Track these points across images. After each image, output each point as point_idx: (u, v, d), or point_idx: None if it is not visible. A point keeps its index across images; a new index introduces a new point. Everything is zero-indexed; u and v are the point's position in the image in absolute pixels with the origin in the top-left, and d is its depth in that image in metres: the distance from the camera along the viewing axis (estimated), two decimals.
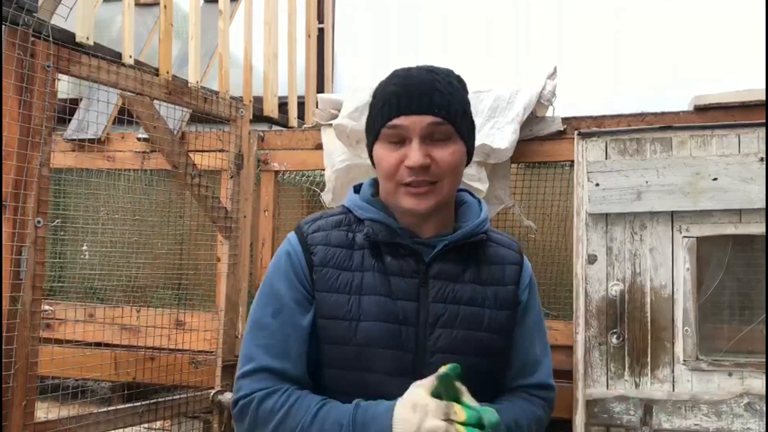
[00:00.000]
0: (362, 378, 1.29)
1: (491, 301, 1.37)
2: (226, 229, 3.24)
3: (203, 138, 3.40)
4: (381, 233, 1.34)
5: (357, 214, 1.39)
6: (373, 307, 1.30)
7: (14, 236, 2.34)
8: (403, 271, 1.33)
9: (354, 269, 1.33)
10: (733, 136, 2.63)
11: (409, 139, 1.30)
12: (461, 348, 1.32)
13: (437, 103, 1.30)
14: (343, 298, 1.31)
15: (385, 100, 1.32)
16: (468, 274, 1.37)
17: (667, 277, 2.67)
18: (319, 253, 1.34)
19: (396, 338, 1.29)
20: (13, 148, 2.34)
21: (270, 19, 3.96)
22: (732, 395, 2.55)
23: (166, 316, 3.39)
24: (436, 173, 1.30)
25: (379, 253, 1.34)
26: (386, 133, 1.32)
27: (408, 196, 1.32)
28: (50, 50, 2.44)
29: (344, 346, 1.30)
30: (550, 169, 3.34)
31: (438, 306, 1.32)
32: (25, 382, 2.35)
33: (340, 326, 1.30)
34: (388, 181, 1.34)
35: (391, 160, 1.31)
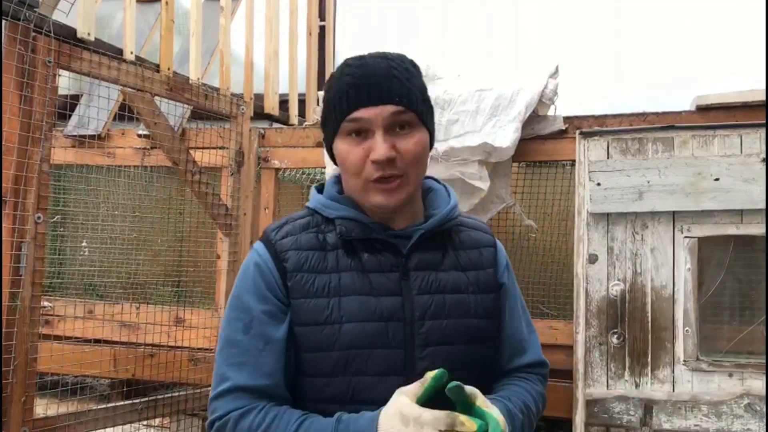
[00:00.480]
0: (351, 383, 1.24)
1: (474, 286, 1.34)
2: (226, 227, 3.23)
3: (204, 135, 3.39)
4: (354, 230, 1.30)
5: (325, 214, 1.34)
6: (354, 307, 1.25)
7: (14, 232, 2.33)
8: (382, 266, 1.29)
9: (330, 271, 1.28)
10: (735, 136, 2.63)
11: (372, 132, 1.25)
12: (452, 338, 1.29)
13: (397, 91, 1.25)
14: (321, 302, 1.26)
15: (341, 92, 1.26)
16: (447, 261, 1.34)
17: (668, 278, 2.66)
18: (291, 258, 1.28)
19: (383, 336, 1.25)
20: (14, 143, 2.33)
21: (271, 16, 3.95)
22: (732, 396, 2.54)
23: (165, 313, 3.38)
24: (402, 165, 1.26)
25: (355, 251, 1.30)
26: (347, 127, 1.26)
27: (377, 192, 1.27)
28: (51, 46, 2.43)
29: (328, 351, 1.24)
30: (551, 169, 3.34)
31: (423, 298, 1.29)
32: (24, 378, 2.35)
33: (321, 332, 1.25)
34: (354, 178, 1.28)
35: (356, 156, 1.26)
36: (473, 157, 2.96)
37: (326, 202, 1.35)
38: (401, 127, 1.26)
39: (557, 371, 3.07)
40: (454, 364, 1.26)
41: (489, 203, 3.09)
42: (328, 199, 1.36)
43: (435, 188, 1.44)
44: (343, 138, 1.28)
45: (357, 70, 1.27)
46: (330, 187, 1.39)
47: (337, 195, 1.36)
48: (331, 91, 1.30)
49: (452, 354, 1.29)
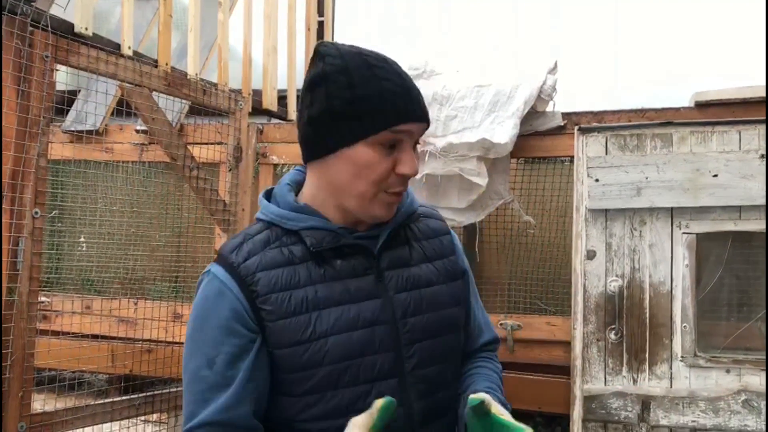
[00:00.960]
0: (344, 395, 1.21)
1: (444, 276, 1.34)
2: (224, 222, 3.23)
3: (202, 130, 3.39)
4: (325, 240, 1.24)
5: (287, 226, 1.26)
6: (337, 318, 1.21)
7: (11, 227, 2.33)
8: (356, 271, 1.25)
9: (303, 285, 1.22)
10: (734, 132, 2.63)
11: (402, 144, 1.22)
12: (433, 331, 1.29)
13: (425, 110, 1.25)
14: (302, 319, 1.20)
15: (385, 100, 1.19)
16: (414, 254, 1.33)
17: (665, 274, 2.66)
18: (261, 280, 1.20)
19: (370, 343, 1.22)
20: (11, 138, 2.32)
21: (270, 12, 3.94)
22: (729, 392, 2.55)
23: (163, 309, 3.38)
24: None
25: (325, 260, 1.24)
26: (386, 136, 1.20)
27: (383, 204, 1.24)
28: (48, 40, 2.42)
29: (317, 368, 1.19)
30: (549, 165, 3.34)
31: (401, 296, 1.27)
32: (21, 373, 2.35)
33: (306, 350, 1.19)
34: (371, 186, 1.21)
35: (385, 167, 1.21)
36: (472, 152, 2.96)
37: (286, 214, 1.28)
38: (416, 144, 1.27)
39: (555, 367, 3.08)
40: (436, 356, 1.28)
41: (487, 199, 3.09)
42: (289, 210, 1.29)
43: None
44: (373, 146, 1.20)
45: (393, 77, 1.22)
46: (286, 195, 1.31)
47: (296, 204, 1.29)
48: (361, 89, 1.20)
49: (435, 347, 1.29)
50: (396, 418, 1.14)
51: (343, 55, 1.23)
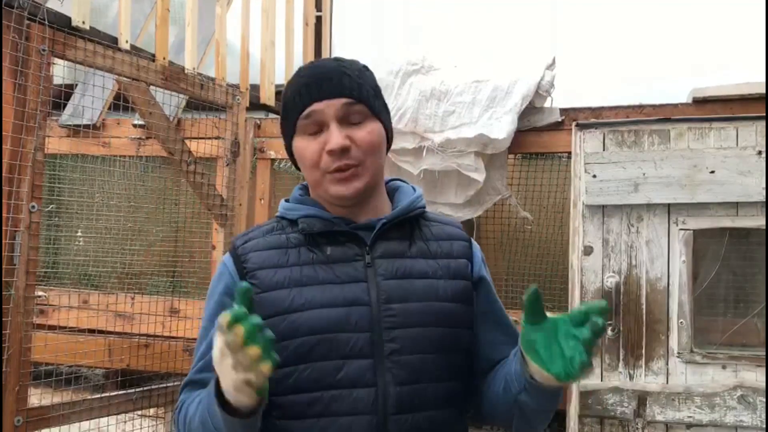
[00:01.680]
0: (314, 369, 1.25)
1: (444, 272, 1.35)
2: (221, 217, 3.23)
3: (199, 125, 3.38)
4: (316, 225, 1.32)
5: (289, 216, 1.37)
6: (316, 295, 1.27)
7: (8, 221, 2.32)
8: (346, 257, 1.31)
9: (290, 264, 1.30)
10: (731, 128, 2.63)
11: (326, 125, 1.29)
12: (420, 320, 1.29)
13: (347, 86, 1.30)
14: (282, 293, 1.27)
15: (294, 93, 1.32)
16: (414, 249, 1.35)
17: (662, 270, 2.67)
18: (251, 258, 1.31)
19: (345, 321, 1.26)
20: (7, 132, 2.32)
21: (268, 7, 3.93)
22: (725, 388, 2.55)
23: (160, 304, 3.38)
24: (357, 155, 1.29)
25: (318, 246, 1.32)
26: (302, 123, 1.31)
27: (334, 183, 1.30)
28: (45, 34, 2.42)
29: (291, 340, 1.25)
30: (547, 160, 3.34)
31: (389, 282, 1.30)
32: (18, 367, 2.34)
33: (283, 321, 1.25)
34: (312, 172, 1.32)
35: (312, 149, 1.30)
36: (469, 148, 2.96)
37: (290, 206, 1.39)
38: (354, 120, 1.31)
39: None
40: (423, 346, 1.28)
41: (485, 195, 3.09)
42: (293, 202, 1.39)
43: (401, 186, 1.47)
44: (301, 136, 1.32)
45: (309, 71, 1.34)
46: (295, 192, 1.43)
47: (300, 197, 1.40)
48: (286, 95, 1.35)
49: (422, 336, 1.29)
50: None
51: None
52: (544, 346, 1.12)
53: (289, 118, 1.34)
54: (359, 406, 1.24)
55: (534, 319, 1.13)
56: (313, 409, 1.24)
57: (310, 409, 1.25)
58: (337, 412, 1.24)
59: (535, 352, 1.14)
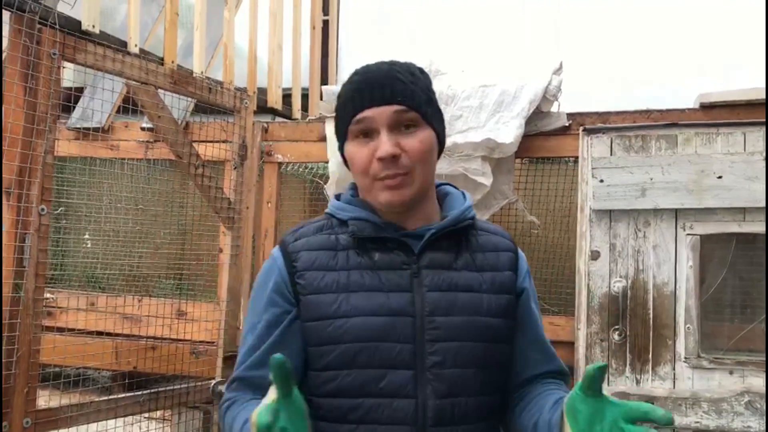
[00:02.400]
0: (358, 376, 1.27)
1: (488, 286, 1.35)
2: (228, 220, 3.24)
3: (207, 128, 3.39)
4: (366, 229, 1.33)
5: (340, 216, 1.38)
6: (362, 302, 1.28)
7: (18, 223, 2.34)
8: (393, 264, 1.32)
9: (339, 269, 1.32)
10: (739, 134, 2.63)
11: (377, 131, 1.29)
12: (462, 334, 1.30)
13: (400, 92, 1.30)
14: (330, 297, 1.30)
15: (347, 98, 1.33)
16: (461, 261, 1.35)
17: (669, 275, 2.67)
18: (302, 258, 1.33)
19: (390, 330, 1.27)
20: (18, 135, 2.33)
21: (275, 10, 3.95)
22: (733, 393, 2.55)
23: (167, 306, 3.39)
24: (406, 163, 1.29)
25: (366, 251, 1.33)
26: (354, 129, 1.32)
27: (383, 190, 1.30)
28: (56, 38, 2.43)
29: (335, 345, 1.28)
30: (554, 165, 3.33)
31: (434, 294, 1.30)
32: (27, 369, 2.36)
33: (329, 326, 1.28)
34: (362, 177, 1.33)
35: (363, 155, 1.31)
36: (476, 152, 2.96)
37: (341, 205, 1.40)
38: (406, 127, 1.31)
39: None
40: (464, 360, 1.29)
41: (492, 199, 3.09)
42: (344, 202, 1.40)
43: (452, 192, 1.47)
44: (352, 140, 1.33)
45: (361, 76, 1.34)
46: (346, 192, 1.44)
47: (352, 198, 1.41)
48: (339, 99, 1.37)
49: (463, 350, 1.30)
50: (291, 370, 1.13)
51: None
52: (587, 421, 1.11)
53: (342, 122, 1.35)
54: (399, 416, 1.25)
55: (589, 392, 1.12)
56: (354, 415, 1.27)
57: (351, 415, 1.27)
58: (377, 420, 1.26)
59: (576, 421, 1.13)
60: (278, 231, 3.52)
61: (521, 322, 1.41)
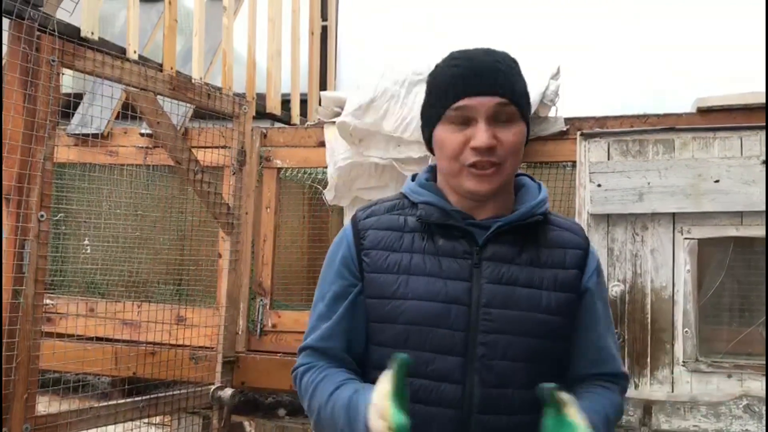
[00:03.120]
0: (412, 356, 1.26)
1: (550, 283, 1.36)
2: (227, 226, 3.24)
3: (206, 134, 3.40)
4: (434, 215, 1.35)
5: (412, 198, 1.41)
6: (421, 286, 1.32)
7: (17, 230, 2.34)
8: (455, 252, 1.34)
9: (403, 250, 1.35)
10: (736, 138, 2.64)
11: (475, 120, 1.30)
12: (517, 328, 1.32)
13: (502, 84, 1.31)
14: (391, 278, 1.34)
15: (448, 83, 1.33)
16: (525, 256, 1.36)
17: (667, 279, 2.67)
18: (369, 236, 1.38)
19: (444, 317, 1.30)
20: (17, 141, 2.34)
21: (274, 16, 3.96)
22: (731, 397, 2.55)
23: (166, 312, 3.39)
24: (501, 154, 1.31)
25: (431, 235, 1.36)
26: (451, 115, 1.32)
27: (471, 177, 1.32)
28: (55, 45, 2.44)
29: (392, 324, 1.33)
30: (552, 170, 3.34)
31: (492, 287, 1.32)
32: (26, 375, 2.36)
33: (387, 305, 1.34)
34: (452, 162, 1.33)
35: (456, 141, 1.31)
36: None
37: (414, 188, 1.42)
38: (502, 119, 1.32)
39: None
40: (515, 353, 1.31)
41: None
42: (418, 185, 1.43)
43: (527, 185, 1.48)
44: (446, 125, 1.34)
45: (464, 62, 1.34)
46: (422, 175, 1.46)
47: (426, 182, 1.43)
48: (436, 80, 1.37)
49: (515, 344, 1.31)
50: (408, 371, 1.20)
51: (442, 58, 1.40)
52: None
53: (436, 105, 1.35)
54: (446, 399, 1.29)
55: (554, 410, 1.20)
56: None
57: None
58: (425, 401, 1.30)
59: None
60: (277, 236, 3.53)
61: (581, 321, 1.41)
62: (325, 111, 3.34)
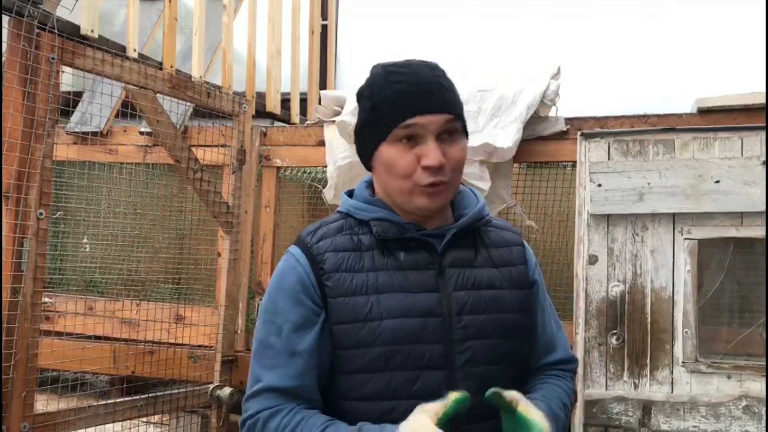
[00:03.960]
0: (392, 378, 1.28)
1: (508, 282, 1.38)
2: (227, 225, 3.24)
3: (206, 133, 3.40)
4: (390, 230, 1.34)
5: (359, 216, 1.37)
6: (394, 304, 1.29)
7: (16, 228, 2.34)
8: (418, 264, 1.33)
9: (366, 270, 1.31)
10: (736, 138, 2.63)
11: (423, 138, 1.29)
12: (489, 332, 1.33)
13: (449, 101, 1.32)
14: (361, 299, 1.29)
15: (393, 100, 1.30)
16: (480, 258, 1.38)
17: (667, 279, 2.67)
18: (328, 260, 1.31)
19: (422, 332, 1.29)
20: (17, 139, 2.34)
21: (274, 15, 3.95)
22: (730, 398, 2.55)
23: (165, 311, 3.39)
24: (449, 171, 1.31)
25: (390, 251, 1.34)
26: (399, 133, 1.29)
27: (423, 196, 1.31)
28: (55, 42, 2.43)
29: (368, 348, 1.28)
30: (552, 170, 3.34)
31: (460, 294, 1.33)
32: (25, 373, 2.35)
33: (362, 329, 1.28)
34: (403, 181, 1.31)
35: (407, 160, 1.30)
36: (474, 157, 2.96)
37: (359, 205, 1.39)
38: (449, 135, 1.32)
39: None
40: (491, 357, 1.32)
41: (490, 203, 3.10)
42: (362, 202, 1.40)
43: (462, 191, 1.49)
44: (393, 143, 1.31)
45: (409, 78, 1.32)
46: (362, 192, 1.43)
47: (370, 198, 1.40)
48: (377, 97, 1.33)
49: (490, 348, 1.33)
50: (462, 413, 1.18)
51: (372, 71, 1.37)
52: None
53: (382, 122, 1.32)
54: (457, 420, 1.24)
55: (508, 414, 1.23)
56: (389, 417, 1.25)
57: (385, 417, 1.26)
58: None
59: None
60: (276, 235, 3.52)
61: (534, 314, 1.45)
62: (325, 110, 3.34)
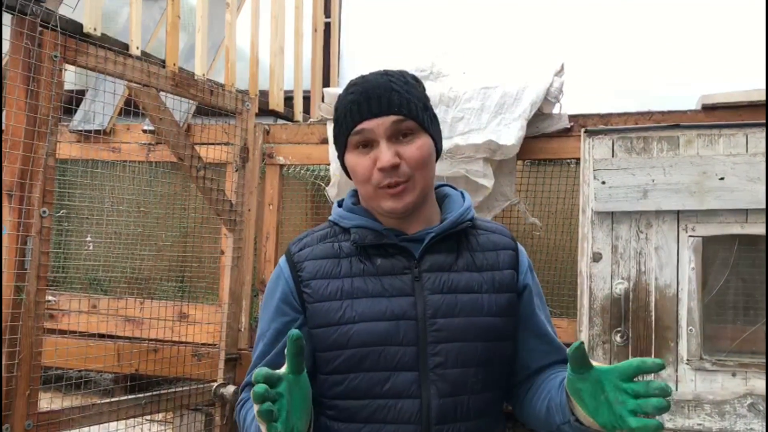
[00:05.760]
0: (365, 378, 1.33)
1: (489, 286, 1.39)
2: (230, 222, 3.24)
3: (209, 130, 3.40)
4: (368, 237, 1.38)
5: (342, 224, 1.43)
6: (366, 308, 1.33)
7: (19, 226, 2.34)
8: (394, 270, 1.36)
9: (342, 276, 1.37)
10: (741, 135, 2.62)
11: (377, 142, 1.34)
12: (464, 335, 1.34)
13: (396, 102, 1.34)
14: (335, 304, 1.35)
15: (346, 109, 1.36)
16: (461, 262, 1.39)
17: (672, 277, 2.66)
18: (307, 267, 1.39)
19: (393, 334, 1.32)
20: (20, 137, 2.34)
21: (277, 13, 3.95)
22: (735, 395, 2.54)
23: (169, 308, 3.39)
24: (407, 171, 1.33)
25: (368, 257, 1.38)
26: (353, 140, 1.36)
27: (386, 198, 1.35)
28: (57, 40, 2.43)
29: (341, 350, 1.33)
30: (556, 167, 3.33)
31: (435, 297, 1.35)
32: (29, 371, 2.36)
33: (335, 332, 1.34)
34: (364, 186, 1.37)
35: (364, 165, 1.35)
36: (478, 154, 2.96)
37: (343, 213, 1.44)
38: (404, 135, 1.35)
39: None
40: (465, 360, 1.33)
41: (493, 201, 3.09)
42: (345, 210, 1.45)
43: (450, 194, 1.51)
44: (352, 151, 1.38)
45: (360, 88, 1.38)
46: (347, 200, 1.49)
47: (353, 206, 1.46)
48: (338, 111, 1.40)
49: (464, 350, 1.34)
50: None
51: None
52: (590, 396, 1.16)
53: (341, 133, 1.39)
54: (404, 416, 1.31)
55: (579, 370, 1.16)
56: (362, 415, 1.33)
57: (359, 415, 1.33)
58: (384, 420, 1.32)
59: (582, 400, 1.18)
60: (280, 233, 3.52)
61: (525, 318, 1.46)
62: (328, 108, 3.33)
